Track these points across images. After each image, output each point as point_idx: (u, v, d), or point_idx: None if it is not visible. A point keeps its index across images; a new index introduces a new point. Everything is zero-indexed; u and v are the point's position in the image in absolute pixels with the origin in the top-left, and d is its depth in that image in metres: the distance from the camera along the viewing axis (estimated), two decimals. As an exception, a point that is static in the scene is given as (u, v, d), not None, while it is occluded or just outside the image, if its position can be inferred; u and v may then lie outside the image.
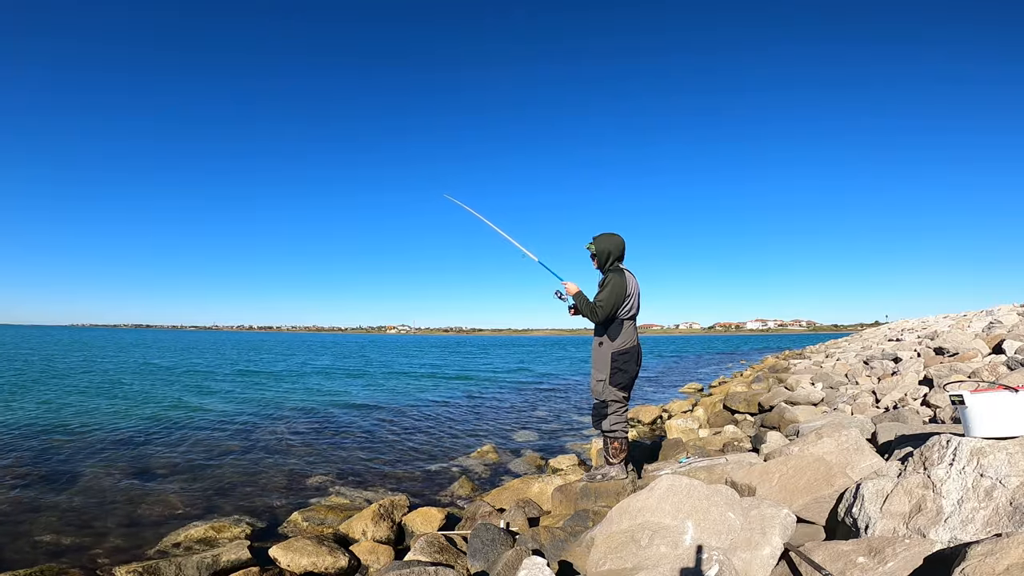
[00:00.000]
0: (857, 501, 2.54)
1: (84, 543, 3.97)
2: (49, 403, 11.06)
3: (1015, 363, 5.42)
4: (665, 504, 2.63)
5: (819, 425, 4.36)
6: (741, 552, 2.39)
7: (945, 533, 2.20)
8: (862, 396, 6.14)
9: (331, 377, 19.24)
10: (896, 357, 8.26)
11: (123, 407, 10.79)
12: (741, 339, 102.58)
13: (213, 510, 4.75)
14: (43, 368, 19.85)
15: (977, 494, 2.24)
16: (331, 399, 12.88)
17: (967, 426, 2.54)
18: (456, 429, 9.03)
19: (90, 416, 9.58)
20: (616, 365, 4.02)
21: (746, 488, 3.14)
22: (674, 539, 2.48)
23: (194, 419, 9.58)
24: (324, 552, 3.45)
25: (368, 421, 9.70)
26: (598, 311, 3.98)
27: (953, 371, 5.73)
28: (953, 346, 7.15)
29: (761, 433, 5.33)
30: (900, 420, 4.23)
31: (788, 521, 2.50)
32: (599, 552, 2.61)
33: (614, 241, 4.09)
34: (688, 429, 7.00)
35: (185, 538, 3.98)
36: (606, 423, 4.10)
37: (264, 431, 8.57)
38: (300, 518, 4.39)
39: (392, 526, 4.13)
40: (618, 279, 3.98)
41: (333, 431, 8.67)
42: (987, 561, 1.76)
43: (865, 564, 2.09)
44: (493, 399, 13.36)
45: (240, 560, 3.49)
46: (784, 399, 7.14)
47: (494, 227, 4.72)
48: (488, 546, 3.22)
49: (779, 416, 6.01)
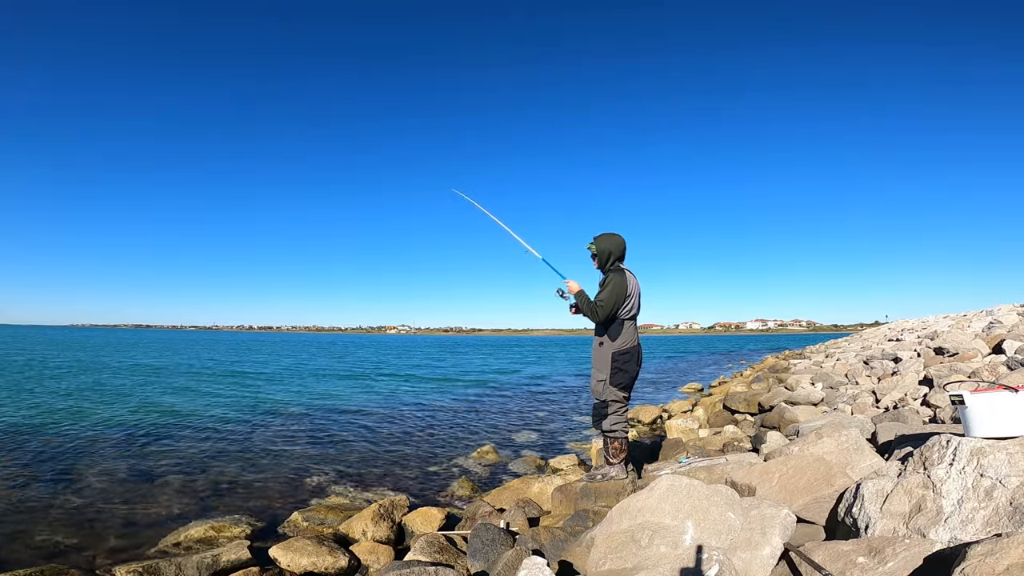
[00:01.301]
0: (857, 501, 2.53)
1: (84, 543, 3.97)
2: (48, 403, 11.05)
3: (1015, 363, 5.41)
4: (665, 504, 2.63)
5: (819, 425, 4.36)
6: (741, 552, 2.39)
7: (945, 533, 2.20)
8: (862, 396, 6.14)
9: (330, 377, 19.23)
10: (896, 357, 8.26)
11: (123, 407, 10.79)
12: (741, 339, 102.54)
13: (213, 510, 4.75)
14: (42, 368, 19.83)
15: (977, 494, 2.24)
16: (331, 399, 12.88)
17: (967, 426, 2.54)
18: (456, 429, 9.03)
19: (89, 416, 9.57)
20: (616, 365, 4.02)
21: (746, 488, 3.14)
22: (674, 539, 2.48)
23: (194, 419, 9.57)
24: (324, 552, 3.45)
25: (368, 421, 9.69)
26: (598, 311, 3.99)
27: (953, 371, 5.73)
28: (953, 346, 7.14)
29: (761, 433, 5.33)
30: (900, 420, 4.23)
31: (788, 521, 2.49)
32: (599, 552, 2.61)
33: (614, 241, 4.09)
34: (688, 429, 7.00)
35: (185, 538, 3.98)
36: (606, 423, 4.10)
37: (264, 431, 8.56)
38: (300, 518, 4.38)
39: (392, 526, 4.13)
40: (618, 279, 3.98)
41: (333, 431, 8.66)
42: (987, 561, 1.76)
43: (865, 564, 2.09)
44: (493, 399, 13.36)
45: (240, 560, 3.49)
46: (784, 399, 7.14)
47: (499, 222, 4.72)
48: (488, 546, 3.22)
49: (779, 416, 6.00)
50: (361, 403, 12.23)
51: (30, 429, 8.28)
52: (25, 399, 11.54)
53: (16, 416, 9.39)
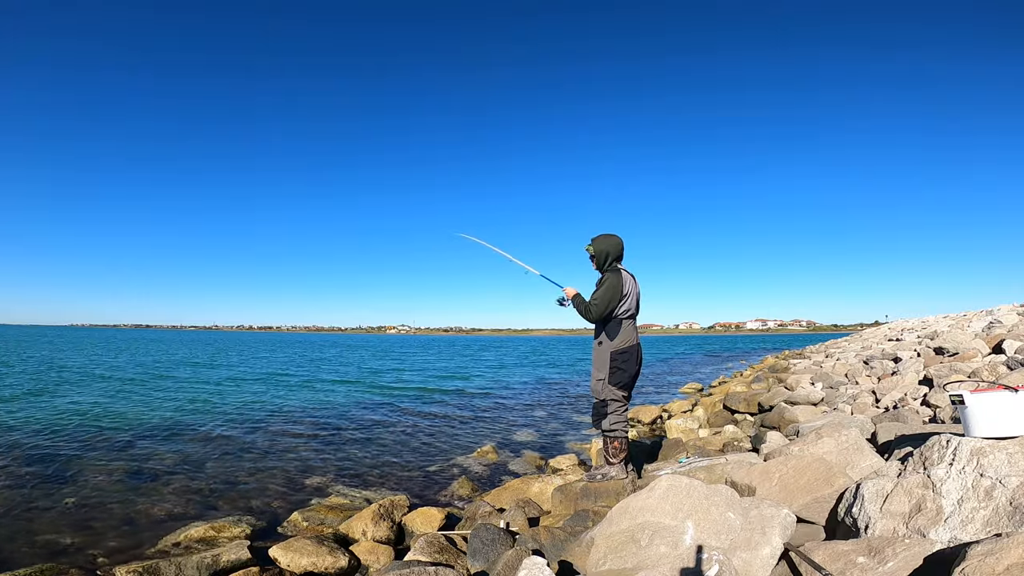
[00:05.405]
0: (857, 501, 2.53)
1: (84, 543, 3.97)
2: (47, 403, 11.05)
3: (1015, 363, 5.41)
4: (665, 504, 2.63)
5: (819, 425, 4.36)
6: (741, 552, 2.39)
7: (945, 533, 2.20)
8: (862, 396, 6.14)
9: (330, 378, 19.22)
10: (896, 357, 8.26)
11: (122, 407, 10.79)
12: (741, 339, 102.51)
13: (213, 510, 4.75)
14: (41, 369, 19.83)
15: (977, 494, 2.24)
16: (331, 400, 12.88)
17: (967, 426, 2.54)
18: (456, 429, 9.03)
19: (88, 416, 9.57)
20: (615, 364, 4.02)
21: (746, 488, 3.14)
22: (674, 539, 2.48)
23: (194, 419, 9.57)
24: (324, 552, 3.45)
25: (368, 421, 9.69)
26: (592, 309, 4.02)
27: (953, 371, 5.72)
28: (953, 346, 7.14)
29: (761, 433, 5.32)
30: (900, 420, 4.23)
31: (788, 521, 2.49)
32: (599, 552, 2.61)
33: (612, 242, 4.11)
34: (688, 429, 7.00)
35: (185, 538, 3.98)
36: (606, 422, 4.10)
37: (264, 431, 8.56)
38: (300, 518, 4.38)
39: (392, 526, 4.13)
40: (614, 278, 4.00)
41: (333, 431, 8.66)
42: (987, 561, 1.76)
43: (865, 564, 2.09)
44: (493, 399, 13.36)
45: (240, 560, 3.49)
46: (784, 399, 7.13)
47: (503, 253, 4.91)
48: (488, 546, 3.22)
49: (779, 416, 6.00)
50: (361, 403, 12.23)
51: (30, 429, 8.28)
52: (25, 399, 11.54)
53: (16, 416, 9.39)
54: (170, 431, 8.42)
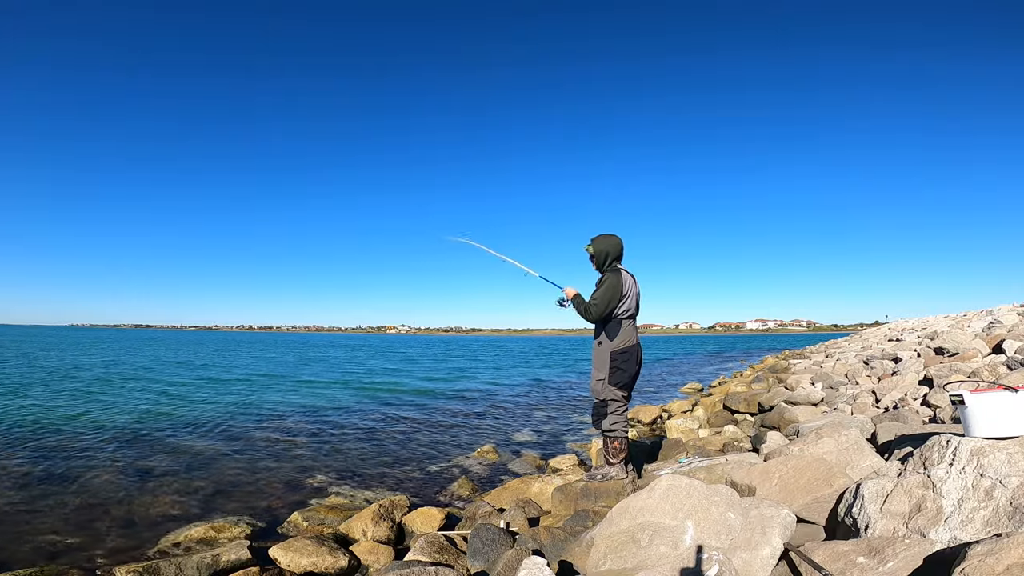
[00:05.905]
0: (857, 501, 2.53)
1: (84, 543, 3.97)
2: (47, 403, 11.05)
3: (1015, 363, 5.41)
4: (665, 504, 2.63)
5: (819, 425, 4.35)
6: (741, 552, 2.39)
7: (945, 533, 2.20)
8: (862, 396, 6.14)
9: (330, 378, 19.22)
10: (896, 357, 8.26)
11: (122, 407, 10.79)
12: (741, 339, 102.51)
13: (213, 510, 4.75)
14: (40, 369, 19.83)
15: (977, 494, 2.24)
16: (331, 400, 12.88)
17: (967, 426, 2.54)
18: (456, 429, 9.03)
19: (88, 417, 9.57)
20: (615, 364, 4.02)
21: (746, 488, 3.14)
22: (674, 539, 2.48)
23: (194, 419, 9.57)
24: (324, 552, 3.45)
25: (367, 421, 9.69)
26: (591, 309, 4.02)
27: (953, 371, 5.72)
28: (953, 346, 7.14)
29: (761, 433, 5.32)
30: (900, 420, 4.23)
31: (788, 521, 2.49)
32: (599, 552, 2.61)
33: (611, 242, 4.11)
34: (688, 429, 7.00)
35: (185, 538, 3.98)
36: (606, 422, 4.10)
37: (264, 432, 8.56)
38: (300, 518, 4.38)
39: (392, 526, 4.13)
40: (613, 278, 4.00)
41: (333, 431, 8.66)
42: (987, 561, 1.76)
43: (865, 564, 2.09)
44: (493, 399, 13.36)
45: (240, 560, 3.49)
46: (784, 399, 7.13)
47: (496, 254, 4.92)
48: (488, 546, 3.22)
49: (779, 416, 6.00)
50: (361, 403, 12.23)
51: (30, 429, 8.28)
52: (25, 399, 11.54)
53: (16, 416, 9.39)
54: (170, 431, 8.42)
